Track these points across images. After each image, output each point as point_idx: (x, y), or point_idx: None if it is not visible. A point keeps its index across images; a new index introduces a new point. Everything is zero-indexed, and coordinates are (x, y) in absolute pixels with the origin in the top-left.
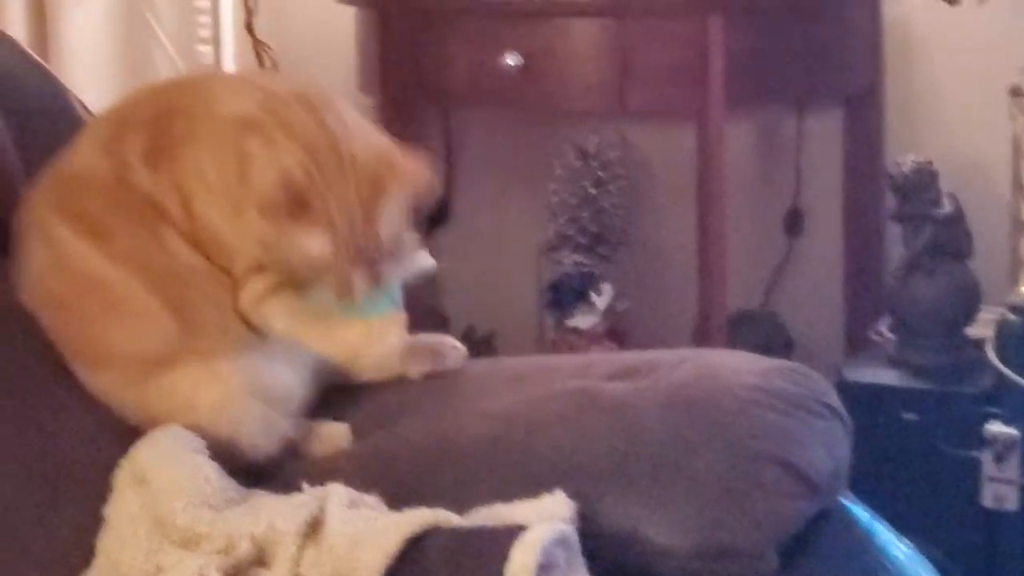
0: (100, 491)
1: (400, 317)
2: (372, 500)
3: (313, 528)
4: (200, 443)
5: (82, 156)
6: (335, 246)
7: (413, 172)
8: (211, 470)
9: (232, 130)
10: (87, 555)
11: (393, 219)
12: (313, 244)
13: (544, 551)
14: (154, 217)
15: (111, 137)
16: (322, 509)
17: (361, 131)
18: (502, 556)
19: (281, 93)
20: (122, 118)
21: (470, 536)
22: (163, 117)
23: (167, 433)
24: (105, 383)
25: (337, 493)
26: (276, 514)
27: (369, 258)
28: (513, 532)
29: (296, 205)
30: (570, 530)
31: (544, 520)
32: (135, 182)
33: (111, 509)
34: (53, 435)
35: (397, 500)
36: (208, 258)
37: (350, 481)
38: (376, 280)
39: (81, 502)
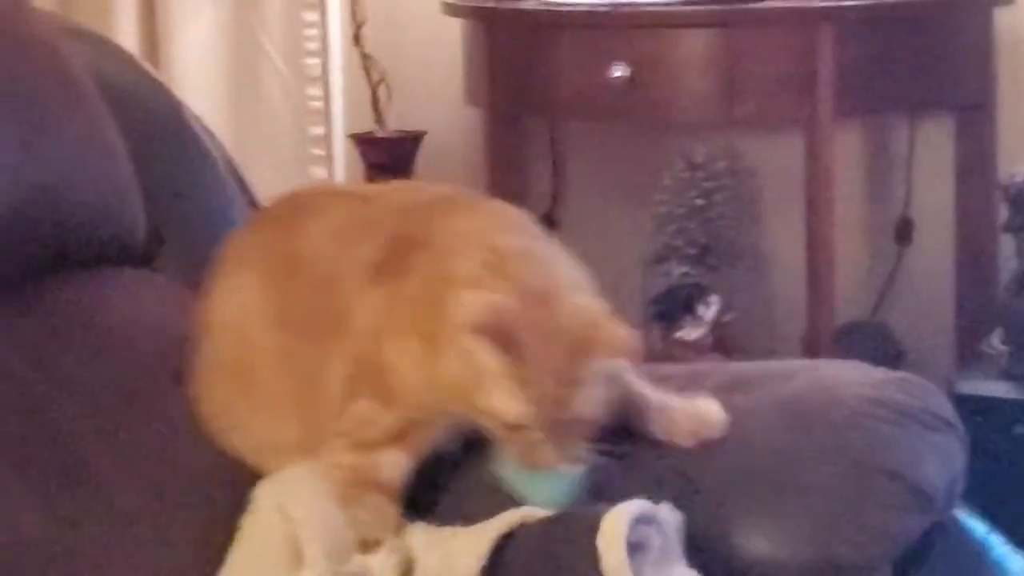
0: (216, 505)
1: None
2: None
3: (406, 567)
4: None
5: (311, 239)
6: (534, 405)
7: (621, 339)
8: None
9: (447, 286)
10: (203, 565)
11: (594, 388)
12: (509, 401)
13: (634, 524)
14: (337, 333)
15: (346, 232)
16: (409, 547)
17: (575, 287)
18: (593, 528)
19: (512, 247)
20: (365, 218)
21: (559, 520)
22: (401, 241)
23: (316, 475)
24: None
25: (415, 528)
26: (370, 557)
27: (563, 426)
28: (601, 508)
29: (503, 347)
30: (664, 515)
31: None
32: (346, 291)
33: (248, 522)
34: (171, 447)
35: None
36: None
37: None
38: (567, 455)
39: (197, 515)
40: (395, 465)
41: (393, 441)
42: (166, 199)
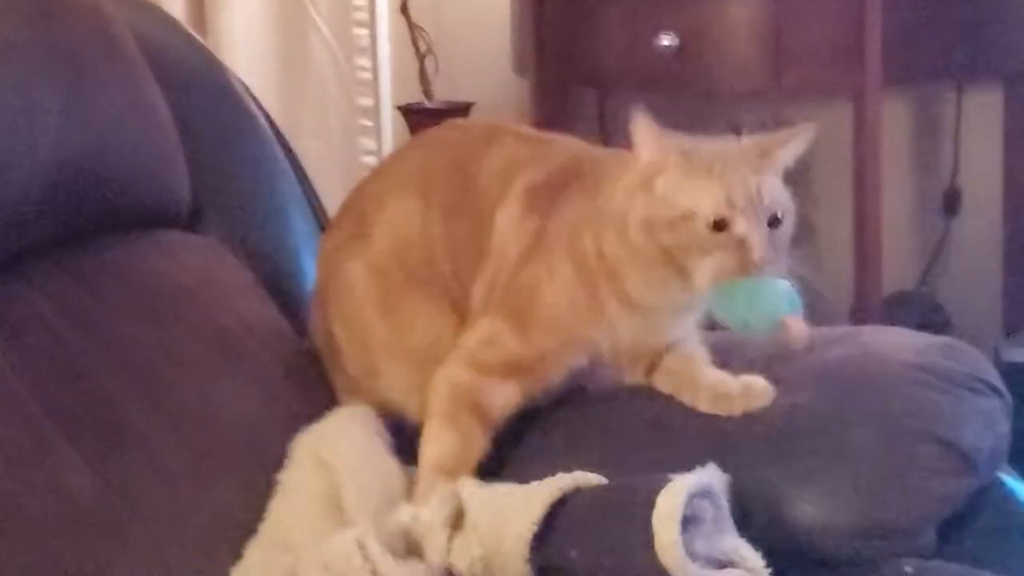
0: (261, 461)
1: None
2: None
3: (456, 519)
4: (387, 436)
5: (485, 167)
6: (734, 202)
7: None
8: (399, 474)
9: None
10: (248, 522)
11: (780, 188)
12: (707, 199)
13: (690, 499)
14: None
15: (516, 163)
16: (459, 499)
17: None
18: (648, 504)
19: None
20: (536, 154)
21: (615, 491)
22: (564, 171)
23: (358, 419)
24: None
25: (467, 483)
26: (422, 508)
27: (761, 217)
28: (658, 482)
29: (689, 159)
30: (718, 487)
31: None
32: (503, 215)
33: (287, 477)
34: (215, 406)
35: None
36: None
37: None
38: (771, 255)
39: (242, 472)
40: (505, 397)
41: (512, 372)
42: (210, 164)
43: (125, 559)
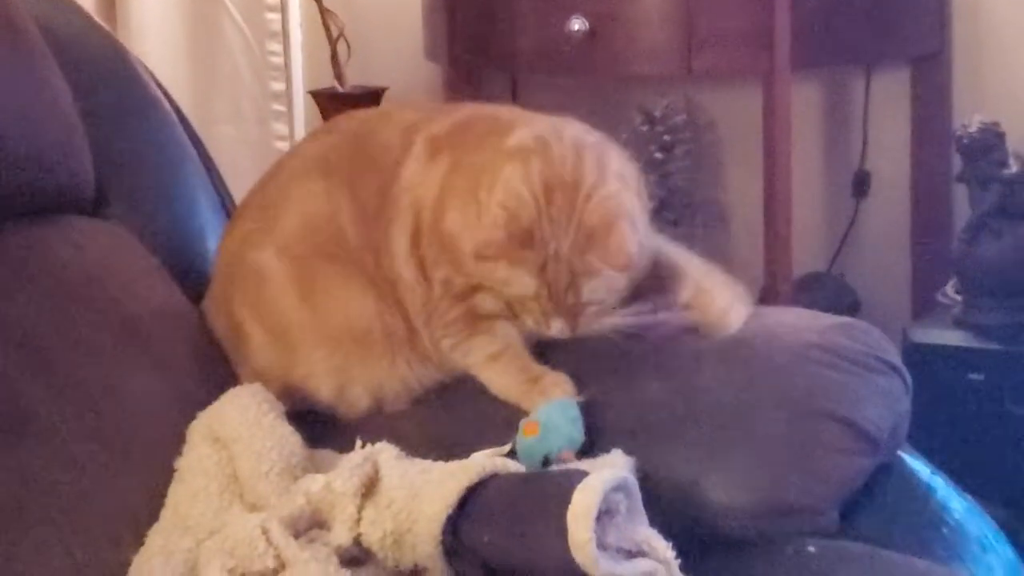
0: (166, 447)
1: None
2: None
3: (369, 488)
4: (279, 406)
5: (382, 135)
6: (540, 285)
7: (620, 252)
8: (295, 440)
9: (504, 153)
10: (153, 509)
11: (605, 280)
12: (519, 281)
13: (606, 495)
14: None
15: (414, 124)
16: (375, 467)
17: (614, 181)
18: (564, 499)
19: (564, 132)
20: (432, 114)
21: (532, 481)
22: (468, 123)
23: (248, 392)
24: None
25: (387, 450)
26: (334, 475)
27: (569, 308)
28: (575, 477)
29: (518, 237)
30: (631, 479)
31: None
32: (410, 165)
33: (184, 462)
34: (120, 393)
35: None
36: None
37: None
38: (573, 327)
39: (148, 458)
40: (494, 303)
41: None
42: (113, 149)
43: (30, 548)
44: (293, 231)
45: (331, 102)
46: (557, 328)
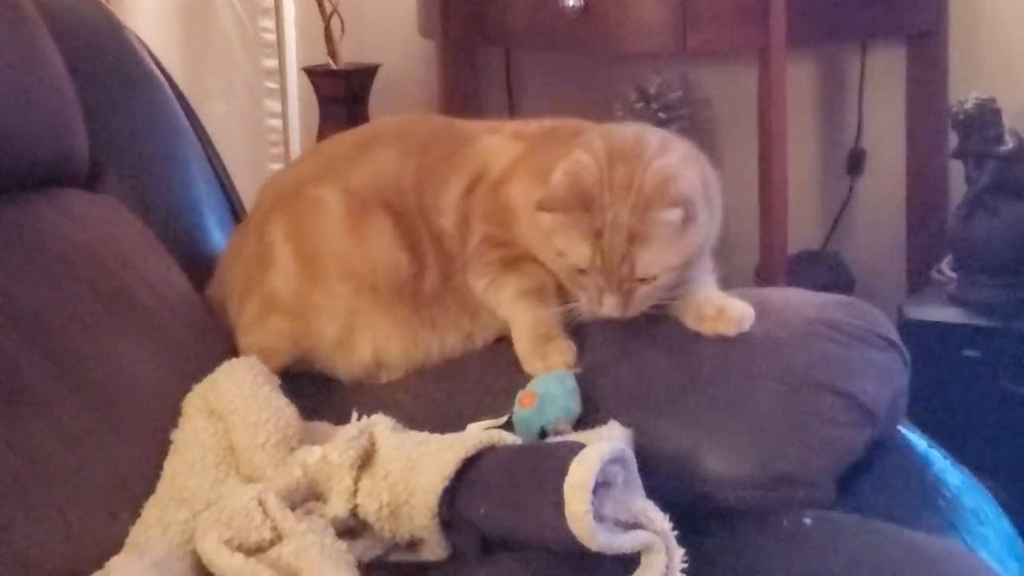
0: (162, 420)
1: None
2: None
3: (365, 460)
4: (275, 378)
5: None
6: (595, 255)
7: (680, 196)
8: (291, 412)
9: (576, 145)
10: (149, 481)
11: (660, 250)
12: (575, 249)
13: (602, 467)
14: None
15: (500, 124)
16: (372, 439)
17: (684, 161)
18: (561, 471)
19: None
20: (522, 122)
21: (530, 453)
22: (554, 127)
23: (244, 364)
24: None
25: (383, 422)
26: (330, 447)
27: (622, 283)
28: (572, 448)
29: (579, 197)
30: (628, 451)
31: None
32: (482, 139)
33: (180, 434)
34: (116, 366)
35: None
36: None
37: None
38: (625, 304)
39: (144, 431)
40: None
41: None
42: (109, 122)
43: (26, 520)
44: (361, 180)
45: (324, 79)
46: (610, 305)
